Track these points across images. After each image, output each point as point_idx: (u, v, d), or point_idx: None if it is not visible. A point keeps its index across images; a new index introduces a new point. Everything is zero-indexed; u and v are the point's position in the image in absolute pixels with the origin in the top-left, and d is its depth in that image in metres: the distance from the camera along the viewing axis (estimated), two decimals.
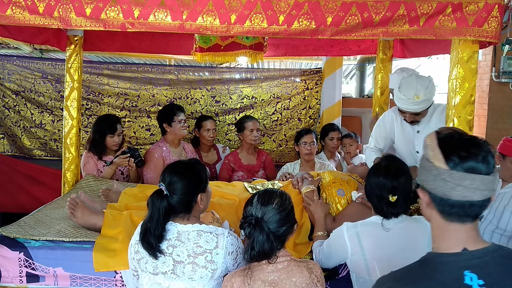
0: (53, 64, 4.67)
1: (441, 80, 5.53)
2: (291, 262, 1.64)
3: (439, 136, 1.10)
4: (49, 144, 4.76)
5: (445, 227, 1.09)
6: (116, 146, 3.31)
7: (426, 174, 1.10)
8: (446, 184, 1.04)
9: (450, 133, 1.10)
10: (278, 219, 1.62)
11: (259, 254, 1.59)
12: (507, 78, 5.13)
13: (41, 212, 2.53)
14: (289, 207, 1.68)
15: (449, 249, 1.07)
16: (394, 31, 1.98)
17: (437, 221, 1.10)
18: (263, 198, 1.66)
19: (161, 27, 1.96)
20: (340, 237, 1.89)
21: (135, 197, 2.58)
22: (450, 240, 1.08)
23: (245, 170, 3.59)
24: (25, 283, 2.13)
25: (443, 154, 1.06)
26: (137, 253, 1.76)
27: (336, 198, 2.41)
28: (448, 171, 1.04)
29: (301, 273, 1.62)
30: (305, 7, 1.92)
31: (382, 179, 1.84)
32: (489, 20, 1.93)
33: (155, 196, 1.73)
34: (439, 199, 1.07)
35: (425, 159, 1.11)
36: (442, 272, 1.03)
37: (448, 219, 1.08)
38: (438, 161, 1.06)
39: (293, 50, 3.88)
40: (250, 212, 1.64)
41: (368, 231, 1.86)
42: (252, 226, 1.61)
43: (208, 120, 3.79)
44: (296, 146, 3.56)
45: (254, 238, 1.59)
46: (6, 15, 1.96)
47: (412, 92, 2.43)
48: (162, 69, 4.77)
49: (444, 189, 1.05)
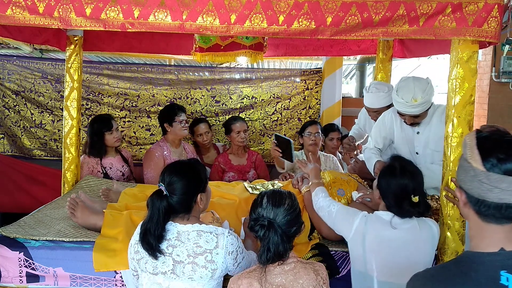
0: (53, 64, 4.67)
1: (441, 80, 5.54)
2: (297, 263, 1.63)
3: (478, 135, 1.08)
4: (49, 144, 4.76)
5: (482, 227, 1.08)
6: (118, 141, 3.32)
7: (463, 174, 1.09)
8: (482, 186, 1.03)
9: (490, 133, 1.08)
10: (290, 219, 1.63)
11: (275, 255, 1.59)
12: (507, 78, 5.13)
13: (41, 212, 2.54)
14: (298, 207, 1.69)
15: (486, 249, 1.06)
16: (394, 31, 1.98)
17: (474, 221, 1.09)
18: (273, 199, 1.66)
19: (161, 27, 1.96)
20: (353, 215, 1.95)
21: (135, 197, 2.58)
22: (487, 240, 1.07)
23: (236, 170, 3.59)
24: (25, 283, 2.13)
25: (481, 155, 1.04)
26: (137, 253, 1.76)
27: (336, 198, 2.41)
28: (485, 173, 1.03)
29: (308, 275, 1.61)
30: (305, 7, 1.92)
31: (402, 180, 1.86)
32: (489, 20, 1.93)
33: (154, 196, 1.74)
34: (476, 200, 1.06)
35: (463, 158, 1.10)
36: (478, 271, 1.03)
37: (485, 220, 1.07)
38: (475, 162, 1.05)
39: (293, 50, 3.88)
40: (261, 214, 1.64)
41: (375, 225, 1.88)
42: (265, 227, 1.60)
43: (199, 125, 3.74)
44: (300, 137, 3.52)
45: (269, 240, 1.59)
46: (6, 15, 1.96)
47: (410, 95, 2.42)
48: (162, 69, 4.77)
49: (480, 191, 1.04)
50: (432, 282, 1.07)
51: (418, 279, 1.11)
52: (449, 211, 2.10)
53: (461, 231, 2.10)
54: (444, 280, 1.05)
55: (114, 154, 3.37)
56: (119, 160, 3.36)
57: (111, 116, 3.44)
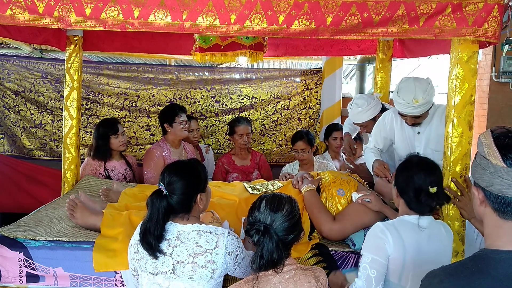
0: (53, 64, 4.67)
1: (441, 80, 5.53)
2: (297, 270, 1.59)
3: (493, 134, 1.10)
4: (49, 144, 4.76)
5: (500, 224, 1.09)
6: (123, 145, 3.32)
7: (481, 172, 1.10)
8: (503, 182, 1.05)
9: (504, 132, 1.10)
10: (287, 226, 1.57)
11: (268, 263, 1.53)
12: (507, 78, 5.13)
13: (41, 212, 2.54)
14: (298, 214, 1.64)
15: (504, 246, 1.07)
16: (394, 31, 1.98)
17: (492, 218, 1.10)
18: (272, 204, 1.60)
19: (161, 27, 1.96)
20: (378, 237, 1.75)
21: (135, 197, 2.58)
22: (505, 238, 1.08)
23: (239, 171, 3.59)
24: (25, 283, 2.13)
25: (500, 152, 1.06)
26: (136, 253, 1.76)
27: (336, 198, 2.41)
28: (506, 169, 1.05)
29: (309, 282, 1.57)
30: (305, 7, 1.92)
31: (420, 173, 1.82)
32: (489, 20, 1.93)
33: (154, 196, 1.73)
34: (495, 197, 1.08)
35: (481, 156, 1.11)
36: (496, 268, 1.04)
37: (503, 217, 1.08)
38: (494, 159, 1.07)
39: (293, 50, 3.88)
40: (257, 218, 1.58)
41: (408, 231, 1.77)
42: (260, 233, 1.55)
43: (191, 121, 3.72)
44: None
45: (263, 246, 1.53)
46: (6, 15, 1.96)
47: (411, 96, 2.42)
48: (162, 69, 4.77)
49: (501, 187, 1.06)
50: (449, 279, 1.07)
51: (434, 276, 1.11)
52: (449, 211, 2.10)
53: (461, 231, 2.10)
54: (462, 278, 1.06)
55: (118, 158, 3.36)
56: (122, 164, 3.36)
57: (117, 120, 3.44)
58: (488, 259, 1.07)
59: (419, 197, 1.81)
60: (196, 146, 3.91)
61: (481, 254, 1.10)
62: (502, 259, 1.05)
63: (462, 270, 1.08)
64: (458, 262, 1.13)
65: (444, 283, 1.07)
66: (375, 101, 3.07)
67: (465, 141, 2.06)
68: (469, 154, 2.08)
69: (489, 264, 1.05)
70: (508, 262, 1.04)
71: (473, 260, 1.10)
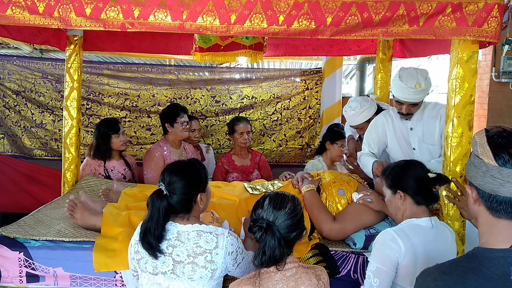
0: (53, 64, 4.68)
1: (441, 80, 5.53)
2: (299, 269, 1.61)
3: (488, 133, 1.11)
4: (49, 144, 4.76)
5: (493, 223, 1.10)
6: (123, 145, 3.34)
7: (475, 171, 1.12)
8: (495, 181, 1.06)
9: (499, 131, 1.11)
10: (290, 224, 1.59)
11: (270, 259, 1.55)
12: (507, 78, 5.13)
13: (41, 212, 2.54)
14: (300, 212, 1.66)
15: (497, 245, 1.08)
16: (394, 31, 1.98)
17: (485, 217, 1.11)
18: (275, 202, 1.62)
19: (161, 27, 1.96)
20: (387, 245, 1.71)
21: (135, 197, 2.58)
22: (498, 236, 1.09)
23: (239, 171, 3.59)
24: (25, 283, 2.13)
25: (492, 151, 1.07)
26: (137, 253, 1.76)
27: (336, 198, 2.41)
28: (497, 168, 1.06)
29: (310, 281, 1.58)
30: (305, 7, 1.92)
31: (414, 166, 1.88)
32: (489, 20, 1.93)
33: (154, 196, 1.73)
34: (488, 195, 1.09)
35: (474, 155, 1.13)
36: (489, 267, 1.04)
37: (496, 216, 1.09)
38: (487, 158, 1.08)
39: (293, 50, 3.88)
40: (261, 215, 1.60)
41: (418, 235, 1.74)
42: (263, 230, 1.57)
43: (192, 121, 3.71)
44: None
45: (266, 243, 1.56)
46: (6, 15, 1.96)
47: (414, 81, 2.48)
48: (162, 69, 4.77)
49: (493, 186, 1.07)
50: (443, 277, 1.08)
51: (429, 274, 1.12)
52: (449, 211, 2.10)
53: (461, 231, 2.10)
54: (456, 276, 1.06)
55: (118, 158, 3.37)
56: (122, 164, 3.36)
57: (118, 120, 3.45)
58: (481, 258, 1.07)
59: (424, 186, 1.82)
60: (197, 145, 3.91)
61: (475, 253, 1.10)
62: (495, 258, 1.06)
63: (456, 268, 1.09)
64: (452, 260, 1.14)
65: (438, 281, 1.08)
66: (369, 103, 3.08)
67: (465, 141, 2.06)
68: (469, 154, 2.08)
69: (482, 263, 1.06)
70: (501, 260, 1.05)
71: (467, 258, 1.10)
